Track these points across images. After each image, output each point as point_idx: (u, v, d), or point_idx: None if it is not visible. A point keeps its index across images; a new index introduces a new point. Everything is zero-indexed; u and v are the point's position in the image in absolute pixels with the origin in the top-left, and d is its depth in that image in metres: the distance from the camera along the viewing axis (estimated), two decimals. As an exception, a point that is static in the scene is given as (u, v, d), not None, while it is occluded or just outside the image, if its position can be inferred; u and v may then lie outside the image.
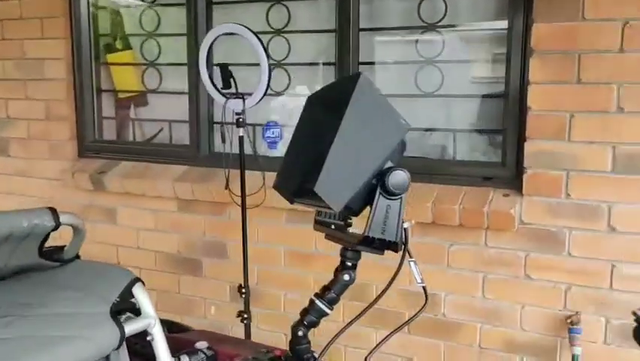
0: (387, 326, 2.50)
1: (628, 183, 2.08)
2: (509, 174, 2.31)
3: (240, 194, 2.38)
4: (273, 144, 2.78)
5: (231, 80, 2.23)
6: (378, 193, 1.12)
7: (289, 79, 2.77)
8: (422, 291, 1.29)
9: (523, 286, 2.29)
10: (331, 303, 1.28)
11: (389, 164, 1.13)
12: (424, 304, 1.27)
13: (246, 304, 2.43)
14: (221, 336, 1.97)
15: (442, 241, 2.40)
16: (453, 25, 2.47)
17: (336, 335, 1.30)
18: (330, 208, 1.12)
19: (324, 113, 1.28)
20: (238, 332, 2.76)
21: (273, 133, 2.75)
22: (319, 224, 1.39)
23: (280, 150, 2.75)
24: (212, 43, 2.31)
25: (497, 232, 2.29)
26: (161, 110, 3.18)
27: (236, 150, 2.37)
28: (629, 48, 2.02)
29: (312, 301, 1.28)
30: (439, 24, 2.45)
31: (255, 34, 2.21)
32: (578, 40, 2.09)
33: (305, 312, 1.29)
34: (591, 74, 2.09)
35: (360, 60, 2.55)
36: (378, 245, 1.15)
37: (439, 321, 2.44)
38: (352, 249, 1.26)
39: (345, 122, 1.08)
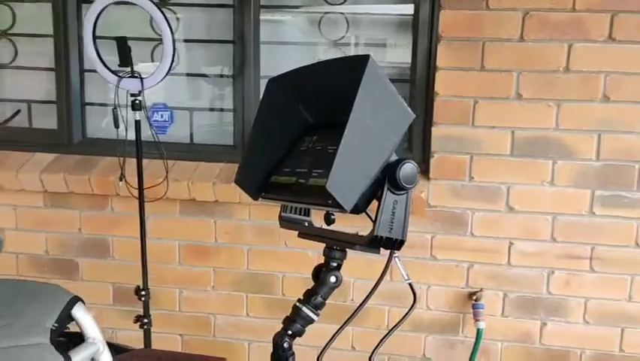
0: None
1: (525, 165, 2.22)
2: (416, 158, 2.34)
3: (137, 186, 2.12)
4: (161, 128, 2.53)
5: (129, 56, 1.96)
6: (386, 188, 1.02)
7: (178, 56, 2.53)
8: (408, 288, 1.22)
9: (429, 267, 2.36)
10: (318, 308, 1.17)
11: (394, 156, 1.05)
12: (413, 303, 1.22)
13: (146, 307, 2.19)
14: (169, 353, 1.74)
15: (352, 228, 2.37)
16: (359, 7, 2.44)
17: (332, 339, 1.19)
18: (338, 208, 1.01)
19: (310, 101, 1.15)
20: (128, 337, 2.50)
21: (161, 117, 2.50)
22: (289, 222, 1.26)
23: (174, 135, 2.52)
24: (99, 14, 2.00)
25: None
26: (16, 88, 2.71)
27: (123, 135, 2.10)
28: (529, 38, 2.14)
29: (296, 309, 1.16)
30: (344, 4, 2.40)
31: (156, 4, 1.96)
32: (483, 29, 2.17)
33: (289, 321, 1.17)
34: (494, 61, 2.18)
35: (262, 40, 2.41)
36: (384, 244, 1.06)
37: (348, 307, 2.43)
38: (341, 248, 1.16)
39: (355, 112, 0.96)
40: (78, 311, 1.06)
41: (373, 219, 1.03)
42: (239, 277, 2.49)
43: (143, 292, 2.15)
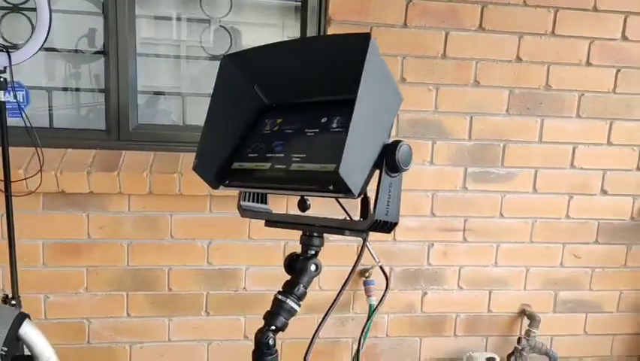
0: (186, 313, 2.30)
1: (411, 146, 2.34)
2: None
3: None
4: (14, 111, 2.17)
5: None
6: (384, 171, 1.00)
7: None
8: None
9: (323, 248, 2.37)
10: (301, 299, 1.12)
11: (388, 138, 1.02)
12: (386, 287, 1.21)
13: (17, 319, 1.88)
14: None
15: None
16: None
17: (315, 335, 1.14)
18: (344, 194, 0.96)
19: (269, 81, 1.06)
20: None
21: (16, 97, 2.14)
22: (253, 211, 1.18)
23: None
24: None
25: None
26: None
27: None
28: (412, 24, 2.25)
29: (279, 301, 1.10)
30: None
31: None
32: (370, 14, 2.22)
33: (271, 315, 1.10)
34: (380, 45, 2.24)
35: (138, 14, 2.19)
36: (379, 228, 1.04)
37: (240, 296, 2.35)
38: (319, 235, 1.11)
39: (360, 94, 0.92)
40: (27, 329, 0.87)
41: (372, 203, 1.00)
42: (118, 275, 2.26)
43: (13, 302, 1.85)
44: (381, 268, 1.22)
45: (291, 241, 2.33)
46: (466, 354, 2.50)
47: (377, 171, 1.03)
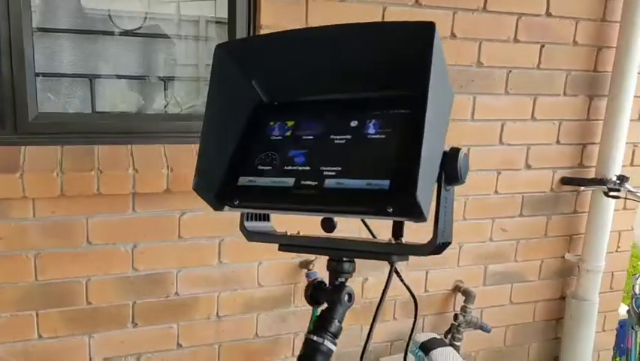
0: (109, 327, 2.02)
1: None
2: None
3: None
4: None
5: None
6: (443, 184, 0.85)
7: None
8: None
9: (258, 243, 2.19)
10: (337, 336, 0.94)
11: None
12: (416, 312, 1.08)
13: None
14: None
15: (172, 212, 2.04)
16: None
17: (367, 341, 0.98)
18: (414, 218, 0.79)
19: (273, 75, 0.86)
20: None
21: None
22: (264, 234, 0.98)
23: None
24: None
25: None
26: None
27: None
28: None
29: (313, 343, 0.92)
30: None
31: None
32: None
33: (306, 360, 0.91)
34: (315, 19, 2.07)
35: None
36: (435, 250, 0.89)
37: (172, 302, 2.11)
38: (349, 260, 0.94)
39: (430, 98, 0.76)
40: None
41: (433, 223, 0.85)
42: (24, 292, 1.92)
43: None
44: (409, 290, 1.08)
45: (228, 237, 2.12)
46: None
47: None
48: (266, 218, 1.05)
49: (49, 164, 1.83)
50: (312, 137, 0.90)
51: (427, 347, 2.33)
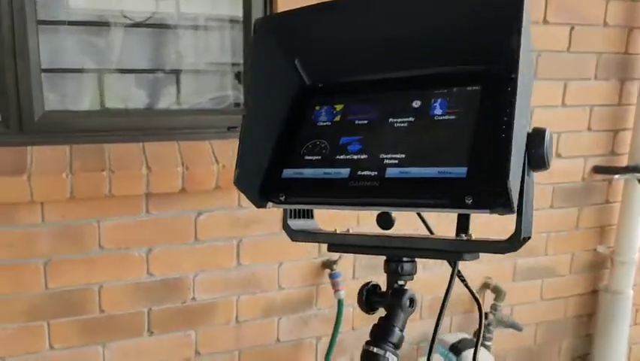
0: (124, 336, 1.92)
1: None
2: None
3: None
4: None
5: None
6: (526, 170, 0.73)
7: None
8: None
9: (278, 243, 2.08)
10: (398, 346, 0.83)
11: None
12: (481, 316, 0.97)
13: None
14: None
15: (187, 213, 1.92)
16: None
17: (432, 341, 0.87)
18: (501, 209, 0.68)
19: (320, 53, 0.74)
20: None
21: None
22: (313, 233, 0.87)
23: None
24: None
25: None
26: None
27: None
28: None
29: (373, 356, 0.80)
30: None
31: None
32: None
33: None
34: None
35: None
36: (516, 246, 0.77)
37: (189, 308, 2.00)
38: (411, 260, 0.83)
39: (520, 72, 0.65)
40: None
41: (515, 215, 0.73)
42: (34, 302, 1.81)
43: None
44: (470, 291, 0.97)
45: (247, 238, 2.01)
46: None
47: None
48: (310, 215, 0.93)
49: (57, 165, 1.72)
50: (366, 121, 0.78)
51: (457, 349, 2.22)
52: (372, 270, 2.23)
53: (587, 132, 2.46)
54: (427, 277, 2.34)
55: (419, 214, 0.93)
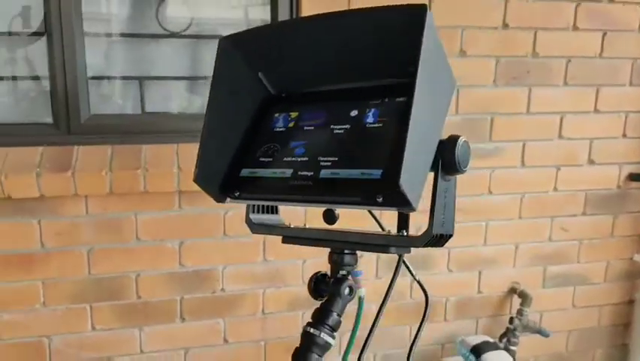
0: (159, 321, 2.08)
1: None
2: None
3: None
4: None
5: None
6: (440, 174, 0.81)
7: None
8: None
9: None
10: (335, 329, 0.92)
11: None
12: (426, 305, 1.04)
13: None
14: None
15: (216, 210, 2.07)
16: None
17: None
18: (402, 207, 0.77)
19: (279, 66, 0.85)
20: None
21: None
22: (268, 226, 0.98)
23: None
24: None
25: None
26: None
27: None
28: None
29: (309, 335, 0.90)
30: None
31: None
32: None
33: (302, 352, 0.90)
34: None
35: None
36: (433, 243, 0.85)
37: (218, 298, 2.15)
38: (351, 252, 0.92)
39: (418, 86, 0.73)
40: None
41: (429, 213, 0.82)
42: (79, 286, 2.01)
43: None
44: (419, 284, 1.04)
45: (271, 235, 2.13)
46: (458, 339, 2.40)
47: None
48: (274, 211, 1.04)
49: (99, 163, 1.90)
50: (312, 127, 0.88)
51: (478, 351, 2.25)
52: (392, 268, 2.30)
53: (622, 139, 2.43)
54: (452, 279, 2.39)
55: (370, 211, 1.01)
